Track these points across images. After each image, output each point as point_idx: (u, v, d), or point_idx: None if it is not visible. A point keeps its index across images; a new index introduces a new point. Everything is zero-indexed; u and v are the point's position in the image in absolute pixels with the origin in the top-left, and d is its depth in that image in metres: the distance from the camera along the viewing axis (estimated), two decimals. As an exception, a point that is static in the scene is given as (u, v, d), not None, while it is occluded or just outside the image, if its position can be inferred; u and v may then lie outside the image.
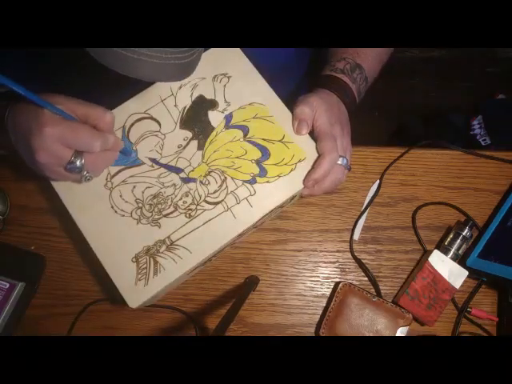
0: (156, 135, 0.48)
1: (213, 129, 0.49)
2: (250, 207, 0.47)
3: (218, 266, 0.59)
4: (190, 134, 0.48)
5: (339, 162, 0.48)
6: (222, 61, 0.50)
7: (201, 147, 0.48)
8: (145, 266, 0.46)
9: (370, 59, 0.56)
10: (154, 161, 0.48)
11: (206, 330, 0.57)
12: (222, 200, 0.47)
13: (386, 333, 0.54)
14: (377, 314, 0.55)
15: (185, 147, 0.48)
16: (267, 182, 0.47)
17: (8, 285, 0.55)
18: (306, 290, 0.59)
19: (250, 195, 0.47)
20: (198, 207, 0.47)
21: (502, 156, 0.61)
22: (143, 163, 0.48)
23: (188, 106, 0.49)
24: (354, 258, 0.59)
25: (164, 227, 0.46)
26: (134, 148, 0.48)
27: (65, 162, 0.42)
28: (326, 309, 0.58)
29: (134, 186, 0.47)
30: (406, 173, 0.61)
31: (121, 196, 0.47)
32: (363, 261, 0.58)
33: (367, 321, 0.55)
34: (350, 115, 0.53)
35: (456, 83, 1.42)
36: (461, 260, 0.57)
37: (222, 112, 0.49)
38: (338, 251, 0.60)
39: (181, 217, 0.47)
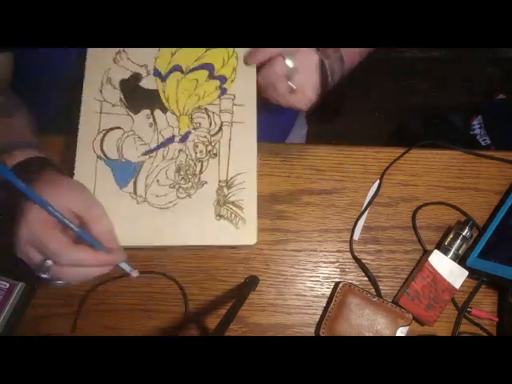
0: (127, 135, 0.49)
1: (156, 91, 0.50)
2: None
3: (218, 266, 0.59)
4: (147, 111, 0.50)
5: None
6: None
7: (164, 110, 0.50)
8: (229, 214, 0.48)
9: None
10: (148, 152, 0.49)
11: (206, 329, 0.57)
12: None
13: (386, 333, 0.54)
14: (377, 314, 0.55)
15: (155, 121, 0.50)
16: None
17: (8, 285, 0.55)
18: (306, 289, 0.59)
19: None
20: (213, 143, 0.49)
21: (502, 156, 0.61)
22: (142, 162, 0.48)
23: (121, 97, 0.50)
24: (354, 258, 0.59)
25: (209, 178, 0.49)
26: (123, 159, 0.49)
27: (33, 265, 0.41)
28: (326, 309, 0.58)
29: (158, 180, 0.48)
30: (406, 173, 0.61)
31: (156, 196, 0.48)
32: (363, 261, 0.58)
33: (367, 321, 0.55)
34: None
35: (456, 83, 1.42)
36: (461, 260, 0.57)
37: (147, 74, 0.51)
38: (338, 251, 0.60)
39: (211, 161, 0.49)
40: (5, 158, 0.45)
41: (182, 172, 0.48)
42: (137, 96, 0.50)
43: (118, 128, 0.49)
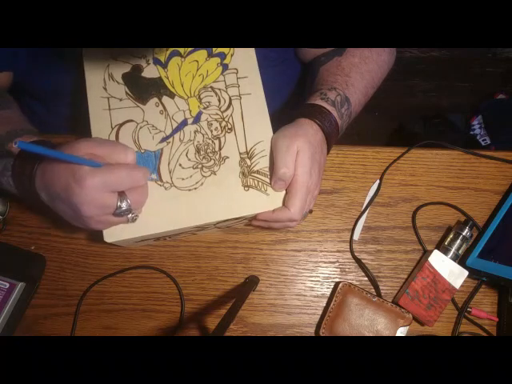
0: (141, 127, 0.49)
1: (160, 78, 0.51)
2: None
3: (218, 266, 0.59)
4: (155, 99, 0.50)
5: None
6: None
7: (172, 95, 0.50)
8: (256, 183, 0.48)
9: (357, 92, 0.55)
10: (165, 139, 0.49)
11: (206, 329, 0.57)
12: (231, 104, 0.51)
13: (386, 333, 0.54)
14: (377, 314, 0.55)
15: (165, 108, 0.50)
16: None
17: (8, 285, 0.55)
18: (306, 289, 0.59)
19: None
20: (226, 119, 0.50)
21: (502, 156, 0.61)
22: (161, 149, 0.49)
23: (126, 90, 0.50)
24: (354, 258, 0.59)
25: (229, 153, 0.49)
26: (142, 150, 0.49)
27: (112, 209, 0.42)
28: (326, 309, 0.58)
29: (180, 164, 0.49)
30: (406, 173, 0.61)
31: (182, 179, 0.48)
32: (363, 261, 0.58)
33: (367, 321, 0.55)
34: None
35: (456, 83, 1.42)
36: (461, 260, 0.57)
37: (148, 64, 0.51)
38: (338, 251, 0.60)
39: (228, 136, 0.49)
40: (9, 146, 0.46)
41: (202, 152, 0.49)
42: (142, 87, 0.50)
43: (131, 121, 0.49)
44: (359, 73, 0.56)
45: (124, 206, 0.42)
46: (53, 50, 0.57)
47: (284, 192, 0.48)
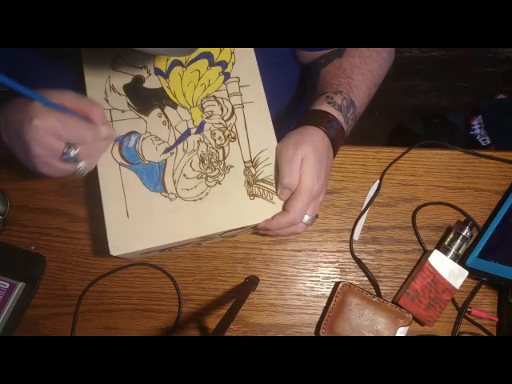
0: (144, 138, 0.49)
1: (161, 89, 0.50)
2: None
3: (218, 266, 0.59)
4: (157, 110, 0.50)
5: (304, 221, 0.48)
6: None
7: (174, 105, 0.50)
8: (261, 192, 0.48)
9: (361, 94, 0.55)
10: (168, 150, 0.49)
11: (206, 329, 0.57)
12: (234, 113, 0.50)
13: (386, 333, 0.54)
14: (377, 314, 0.55)
15: (168, 118, 0.50)
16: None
17: (8, 285, 0.55)
18: (306, 289, 0.59)
19: None
20: (229, 128, 0.50)
21: (502, 156, 0.61)
22: (165, 160, 0.49)
23: (128, 102, 0.50)
24: (354, 258, 0.59)
25: (233, 162, 0.49)
26: (146, 162, 0.49)
27: (59, 154, 0.42)
28: (326, 309, 0.58)
29: (184, 174, 0.49)
30: (406, 173, 0.61)
31: (187, 189, 0.48)
32: (363, 261, 0.58)
33: (367, 321, 0.55)
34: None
35: (456, 83, 1.42)
36: (461, 260, 0.57)
37: (149, 74, 0.51)
38: (338, 251, 0.60)
39: (232, 145, 0.49)
40: None
41: (206, 161, 0.49)
42: (144, 97, 0.50)
43: (133, 132, 0.49)
44: (361, 73, 0.56)
45: (72, 153, 0.42)
46: (53, 68, 0.56)
47: None
